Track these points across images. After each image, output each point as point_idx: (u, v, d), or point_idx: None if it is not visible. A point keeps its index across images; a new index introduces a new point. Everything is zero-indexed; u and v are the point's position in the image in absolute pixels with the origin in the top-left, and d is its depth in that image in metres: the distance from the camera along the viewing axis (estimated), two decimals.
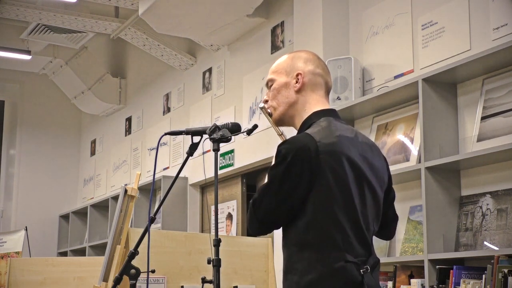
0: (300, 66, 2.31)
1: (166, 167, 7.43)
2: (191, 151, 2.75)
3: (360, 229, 2.13)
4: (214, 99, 6.77)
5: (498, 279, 3.31)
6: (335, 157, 2.11)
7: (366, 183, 2.17)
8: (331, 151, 2.11)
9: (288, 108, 2.31)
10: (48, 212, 9.59)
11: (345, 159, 2.12)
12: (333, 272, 2.06)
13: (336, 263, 2.07)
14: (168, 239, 3.51)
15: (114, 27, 7.36)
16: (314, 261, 2.08)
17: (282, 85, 2.32)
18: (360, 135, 2.27)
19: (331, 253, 2.08)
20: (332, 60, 4.70)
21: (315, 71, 2.31)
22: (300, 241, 2.12)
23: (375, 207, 2.21)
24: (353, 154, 2.15)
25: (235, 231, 6.28)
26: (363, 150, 2.21)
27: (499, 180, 3.73)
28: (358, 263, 2.10)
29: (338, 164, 2.11)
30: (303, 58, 2.33)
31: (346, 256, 2.08)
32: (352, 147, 2.17)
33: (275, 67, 2.37)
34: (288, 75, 2.32)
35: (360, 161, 2.17)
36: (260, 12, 5.91)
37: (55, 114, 9.88)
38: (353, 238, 2.10)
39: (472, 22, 4.01)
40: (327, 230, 2.09)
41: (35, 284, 4.28)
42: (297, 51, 2.41)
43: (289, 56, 2.37)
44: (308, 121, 2.26)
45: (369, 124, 4.63)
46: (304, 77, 2.29)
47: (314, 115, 2.26)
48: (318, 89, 2.31)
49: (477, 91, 3.90)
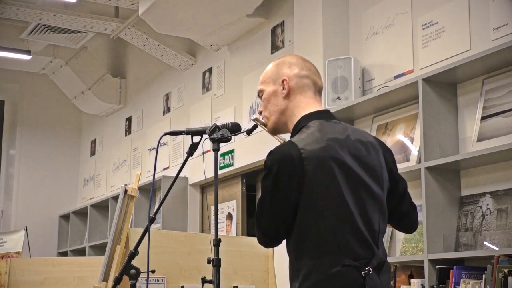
0: (285, 72, 2.31)
1: (166, 167, 7.43)
2: (191, 151, 2.75)
3: (358, 231, 2.10)
4: (214, 99, 6.77)
5: (498, 279, 3.31)
6: (321, 162, 2.09)
7: (361, 184, 2.14)
8: (317, 157, 2.09)
9: (280, 116, 2.30)
10: (48, 212, 9.59)
11: (334, 163, 2.10)
12: (329, 278, 2.05)
13: (333, 268, 2.05)
14: (168, 239, 3.51)
15: (114, 27, 7.36)
16: (311, 267, 2.07)
17: (270, 94, 2.32)
18: (354, 134, 2.23)
19: (327, 258, 2.06)
20: (332, 60, 4.70)
21: (300, 73, 2.30)
22: (296, 249, 2.12)
23: (377, 206, 2.18)
24: (343, 157, 2.13)
25: (235, 231, 6.28)
26: (355, 150, 2.17)
27: (499, 180, 3.73)
28: (359, 266, 2.07)
29: (325, 169, 2.09)
30: (287, 63, 2.33)
31: (343, 260, 2.06)
32: (343, 149, 2.14)
33: (262, 77, 2.37)
34: (275, 83, 2.31)
35: (351, 163, 2.14)
36: (260, 12, 5.91)
37: (55, 114, 9.88)
38: (351, 241, 2.08)
39: (472, 22, 4.01)
40: (320, 236, 2.07)
41: (35, 284, 4.28)
42: (282, 57, 2.40)
43: (274, 63, 2.36)
44: (297, 126, 2.25)
45: (369, 124, 4.63)
46: (290, 82, 2.28)
47: (303, 119, 2.25)
48: (306, 90, 2.30)
49: (477, 91, 3.90)
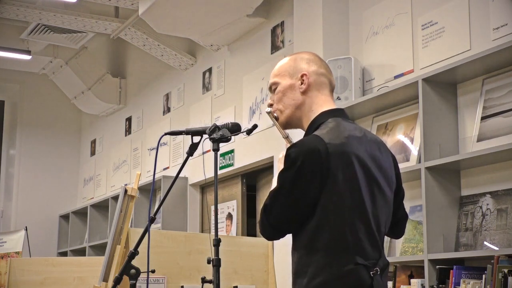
0: (303, 67, 2.29)
1: (166, 167, 7.43)
2: (191, 151, 2.75)
3: (371, 231, 2.10)
4: (214, 99, 6.77)
5: (498, 279, 3.31)
6: (345, 158, 2.08)
7: (376, 185, 2.14)
8: (341, 152, 2.08)
9: (295, 110, 2.28)
10: (48, 212, 9.59)
11: (355, 160, 2.10)
12: (342, 275, 2.04)
13: (346, 266, 2.05)
14: (168, 239, 3.51)
15: (114, 27, 7.36)
16: (323, 264, 2.06)
17: (287, 87, 2.29)
18: (369, 134, 2.24)
19: (341, 256, 2.06)
20: (332, 60, 4.69)
21: (319, 71, 2.29)
22: (309, 244, 2.09)
23: (386, 208, 2.19)
24: (362, 154, 2.13)
25: (235, 231, 6.28)
26: (371, 150, 2.18)
27: (499, 180, 3.73)
28: (369, 266, 2.07)
29: (348, 166, 2.08)
30: (305, 59, 2.31)
31: (356, 259, 2.06)
32: (361, 147, 2.14)
33: (278, 70, 2.34)
34: (292, 77, 2.29)
35: (369, 162, 2.14)
36: (260, 12, 5.91)
37: (55, 114, 9.87)
38: (364, 240, 2.08)
39: (472, 22, 4.01)
40: (337, 233, 2.06)
41: (35, 284, 4.28)
42: (298, 52, 2.40)
43: (291, 58, 2.35)
44: (316, 122, 2.23)
45: (369, 124, 4.63)
46: (309, 78, 2.27)
47: (322, 115, 2.23)
48: (324, 88, 2.29)
49: (477, 91, 3.90)
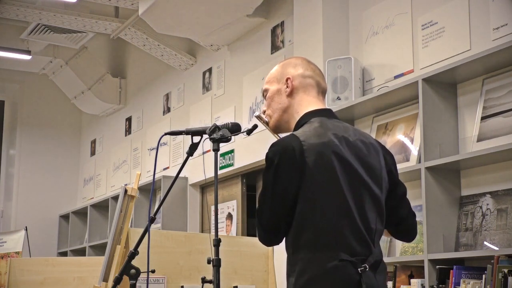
0: (289, 71, 2.37)
1: (166, 167, 7.43)
2: (191, 151, 2.76)
3: (356, 227, 2.12)
4: (214, 99, 6.77)
5: (498, 279, 3.31)
6: (322, 155, 2.12)
7: (361, 182, 2.16)
8: (318, 151, 2.12)
9: (283, 114, 2.35)
10: (48, 212, 9.59)
11: (335, 157, 2.13)
12: (326, 272, 2.06)
13: (329, 263, 2.06)
14: (168, 239, 3.51)
15: (114, 27, 7.36)
16: (307, 261, 2.09)
17: (274, 92, 2.37)
18: (355, 134, 2.26)
19: (324, 252, 2.08)
20: (332, 60, 4.70)
21: (305, 73, 2.36)
22: (295, 243, 2.13)
23: (375, 205, 2.20)
24: (345, 154, 2.16)
25: (235, 231, 6.28)
26: (356, 148, 2.20)
27: (499, 180, 3.73)
28: (355, 262, 2.08)
29: (325, 163, 2.11)
30: (292, 64, 2.39)
31: (341, 255, 2.07)
32: (344, 147, 2.17)
33: (268, 77, 2.43)
34: (279, 82, 2.38)
35: (352, 160, 2.16)
36: (260, 12, 5.91)
37: (55, 114, 9.87)
38: (349, 236, 2.10)
39: (472, 22, 4.01)
40: (318, 230, 2.09)
41: (35, 284, 4.28)
42: (287, 58, 2.48)
43: (280, 64, 2.43)
44: (300, 122, 2.29)
45: (369, 124, 4.63)
46: (294, 81, 2.34)
47: (306, 116, 2.29)
48: (310, 90, 2.35)
49: (477, 91, 3.90)
